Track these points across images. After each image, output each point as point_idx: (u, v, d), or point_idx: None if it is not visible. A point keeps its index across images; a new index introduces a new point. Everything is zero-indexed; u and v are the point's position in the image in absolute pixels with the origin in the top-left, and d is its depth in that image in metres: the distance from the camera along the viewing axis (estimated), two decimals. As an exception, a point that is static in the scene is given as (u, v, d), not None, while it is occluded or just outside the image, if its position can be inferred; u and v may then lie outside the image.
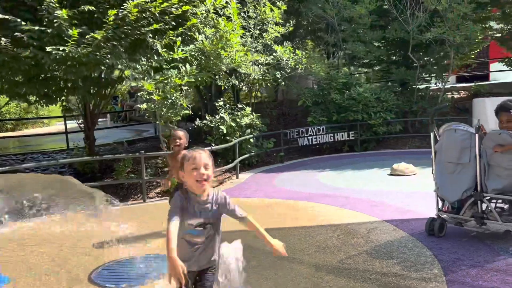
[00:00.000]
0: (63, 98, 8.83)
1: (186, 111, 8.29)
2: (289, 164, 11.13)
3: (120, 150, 11.03)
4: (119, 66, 7.63)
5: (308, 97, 12.69)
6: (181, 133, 5.26)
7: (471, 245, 4.49)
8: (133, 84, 7.91)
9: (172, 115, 8.06)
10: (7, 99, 9.47)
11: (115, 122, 21.45)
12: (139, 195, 8.41)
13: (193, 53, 8.74)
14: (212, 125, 10.47)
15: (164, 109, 8.00)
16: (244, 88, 11.82)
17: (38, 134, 17.13)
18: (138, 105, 8.31)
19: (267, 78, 11.50)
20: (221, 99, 11.33)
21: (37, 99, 8.12)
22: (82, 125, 10.42)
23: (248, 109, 10.87)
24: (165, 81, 7.92)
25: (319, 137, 12.03)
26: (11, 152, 13.12)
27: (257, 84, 12.07)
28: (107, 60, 7.15)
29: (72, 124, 13.64)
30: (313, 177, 9.13)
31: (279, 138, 11.65)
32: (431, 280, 3.73)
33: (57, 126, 20.21)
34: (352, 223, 5.59)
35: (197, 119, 10.71)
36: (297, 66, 11.79)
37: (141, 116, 19.29)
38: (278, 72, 11.65)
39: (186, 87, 8.30)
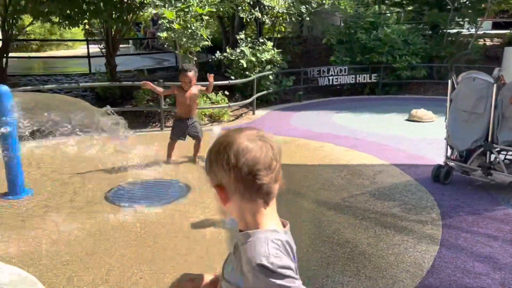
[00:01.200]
0: (85, 21, 8.82)
1: (206, 42, 8.22)
2: (307, 103, 11.10)
3: (141, 78, 11.13)
4: (140, -9, 7.50)
5: (333, 35, 12.32)
6: (190, 74, 5.35)
7: (474, 194, 4.57)
8: (154, 11, 7.79)
9: (192, 46, 8.01)
10: (31, 18, 9.46)
11: (137, 49, 21.37)
12: (157, 123, 8.62)
13: (215, -19, 8.48)
14: (232, 58, 10.39)
15: (184, 39, 7.95)
16: (267, 21, 11.51)
17: (63, 56, 17.29)
18: (158, 33, 8.26)
19: (291, 12, 11.15)
20: (243, 32, 11.11)
21: (60, 20, 8.14)
22: (103, 50, 10.47)
23: (270, 44, 10.68)
24: (186, 10, 7.79)
25: (340, 78, 11.85)
26: (36, 72, 13.38)
27: (281, 18, 11.73)
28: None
29: (95, 49, 13.71)
30: (329, 118, 9.14)
31: (299, 76, 11.53)
32: (428, 223, 3.87)
33: (81, 49, 20.27)
34: (360, 164, 5.69)
35: (217, 51, 10.61)
36: (324, 1, 11.34)
37: (163, 44, 19.18)
38: (304, 6, 11.25)
39: (207, 17, 8.16)
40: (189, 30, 7.92)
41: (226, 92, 9.21)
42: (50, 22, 8.66)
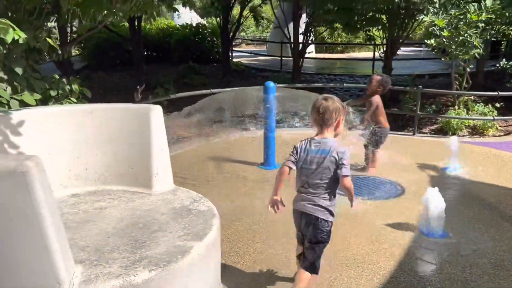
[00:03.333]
0: (365, 28, 9.75)
1: (477, 50, 7.69)
2: None
3: (410, 82, 11.26)
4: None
5: None
6: (374, 78, 5.27)
7: None
8: (426, 19, 7.85)
9: (460, 54, 7.69)
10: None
11: (436, 54, 20.84)
12: (411, 128, 8.74)
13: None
14: (520, 68, 9.21)
15: (453, 47, 7.72)
16: None
17: (350, 58, 18.99)
18: (426, 40, 8.25)
19: None
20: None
21: (341, 26, 9.36)
22: (382, 54, 11.16)
23: None
24: (461, 17, 7.54)
25: None
26: (327, 72, 15.36)
27: None
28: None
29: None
30: None
31: None
32: None
33: (377, 53, 21.54)
34: None
35: (503, 58, 9.61)
36: None
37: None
38: None
39: (482, 24, 7.60)
40: (460, 38, 7.63)
41: (497, 104, 8.35)
42: (332, 29, 10.03)
